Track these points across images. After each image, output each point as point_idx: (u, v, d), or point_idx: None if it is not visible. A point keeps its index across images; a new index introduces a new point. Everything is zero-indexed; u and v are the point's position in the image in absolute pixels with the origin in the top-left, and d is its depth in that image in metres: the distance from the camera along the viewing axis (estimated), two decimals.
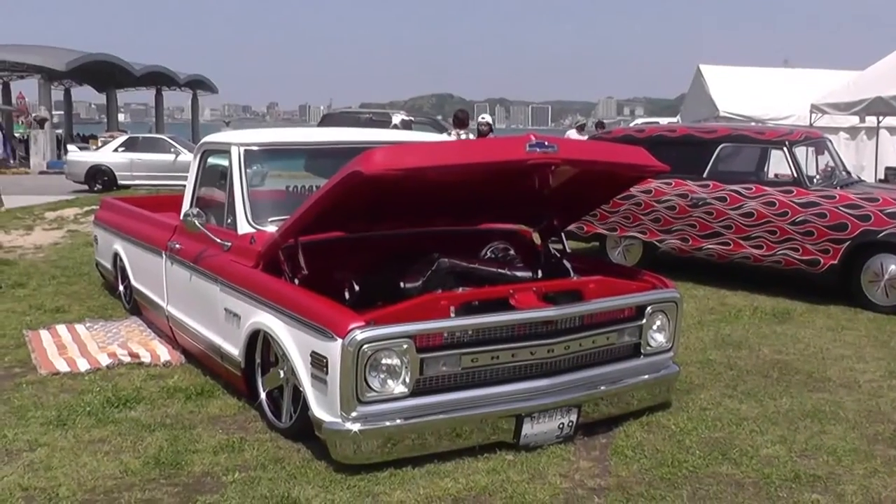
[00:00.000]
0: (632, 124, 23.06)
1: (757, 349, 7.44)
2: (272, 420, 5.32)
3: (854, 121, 16.19)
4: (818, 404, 5.96)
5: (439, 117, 26.90)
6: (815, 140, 10.46)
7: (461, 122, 14.41)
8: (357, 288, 5.25)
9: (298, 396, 4.95)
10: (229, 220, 6.05)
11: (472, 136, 14.30)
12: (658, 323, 5.57)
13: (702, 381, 6.45)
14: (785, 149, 9.76)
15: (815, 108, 15.80)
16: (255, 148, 6.31)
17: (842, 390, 6.32)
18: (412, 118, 19.30)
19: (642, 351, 5.52)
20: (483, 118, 16.49)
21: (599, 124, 22.84)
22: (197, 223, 5.92)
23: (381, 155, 4.53)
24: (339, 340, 4.44)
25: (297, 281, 5.21)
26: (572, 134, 17.46)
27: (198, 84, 50.06)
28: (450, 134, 14.05)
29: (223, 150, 6.38)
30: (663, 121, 21.75)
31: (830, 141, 11.01)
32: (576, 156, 5.06)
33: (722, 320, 8.50)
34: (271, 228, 5.65)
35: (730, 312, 8.83)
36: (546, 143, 4.73)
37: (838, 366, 6.96)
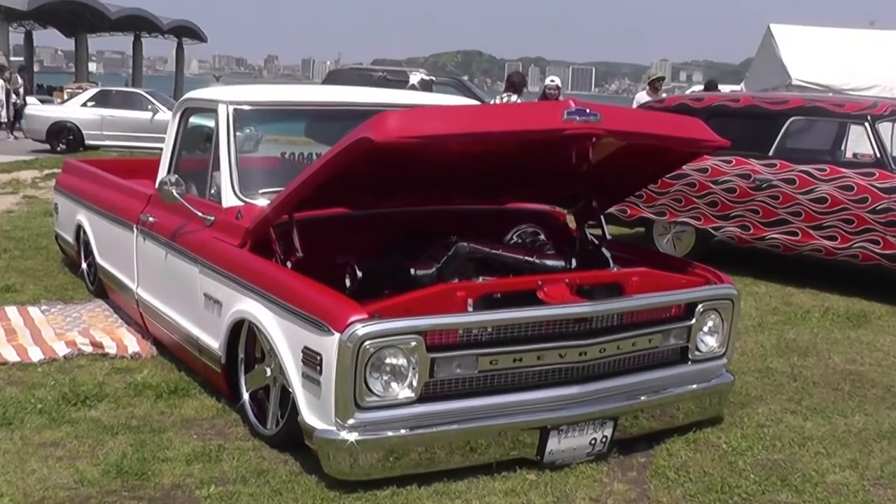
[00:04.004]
0: (688, 91, 22.87)
1: (826, 357, 7.42)
2: (256, 426, 5.32)
3: None
4: None
5: (465, 77, 26.88)
6: None
7: (514, 85, 14.10)
8: (360, 274, 5.24)
9: (287, 399, 4.95)
10: (213, 191, 6.05)
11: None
12: (710, 324, 5.55)
13: (760, 394, 6.43)
14: (867, 124, 9.71)
15: None
16: (246, 107, 6.30)
17: None
18: (433, 78, 19.29)
19: (691, 356, 5.50)
20: (552, 81, 16.35)
21: (711, 85, 20.89)
22: (175, 193, 5.91)
23: (394, 120, 4.51)
24: (337, 335, 4.43)
25: (289, 264, 5.20)
26: (641, 97, 16.69)
27: (184, 31, 50.27)
28: (501, 99, 13.89)
29: (209, 109, 6.38)
30: (725, 88, 21.60)
31: None
32: (621, 127, 5.03)
33: (786, 322, 8.48)
34: (262, 202, 5.65)
35: (795, 314, 8.81)
36: (587, 111, 4.69)
37: None
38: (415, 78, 18.41)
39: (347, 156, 4.63)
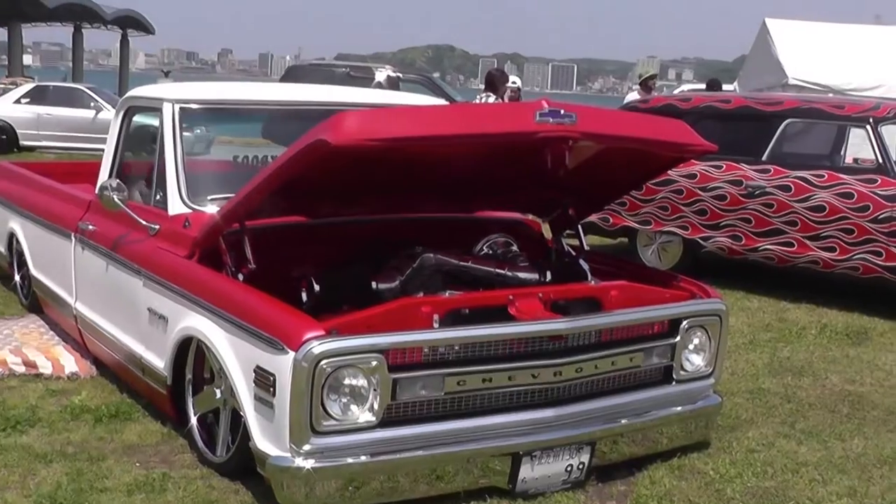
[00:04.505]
0: (676, 91, 22.95)
1: (823, 377, 7.49)
2: (204, 452, 5.33)
3: None
4: None
5: (436, 75, 26.91)
6: None
7: (493, 84, 14.11)
8: (317, 288, 5.25)
9: (238, 423, 4.96)
10: (158, 197, 6.05)
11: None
12: (696, 341, 5.59)
13: (751, 416, 6.49)
14: (869, 127, 9.79)
15: None
16: (194, 106, 6.31)
17: None
18: (400, 75, 19.30)
19: (675, 376, 5.55)
20: (514, 83, 16.35)
21: (714, 83, 19.97)
22: (116, 199, 5.92)
23: (353, 120, 4.53)
24: (291, 354, 4.44)
25: (241, 277, 5.22)
26: (633, 97, 16.71)
27: (129, 22, 50.06)
28: (480, 99, 13.91)
29: (153, 108, 6.38)
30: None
31: None
32: (599, 129, 5.06)
33: (780, 340, 8.57)
34: (211, 209, 5.65)
35: (790, 330, 8.89)
36: (562, 112, 4.72)
37: None
38: (381, 75, 18.41)
39: (303, 160, 4.64)
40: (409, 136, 4.61)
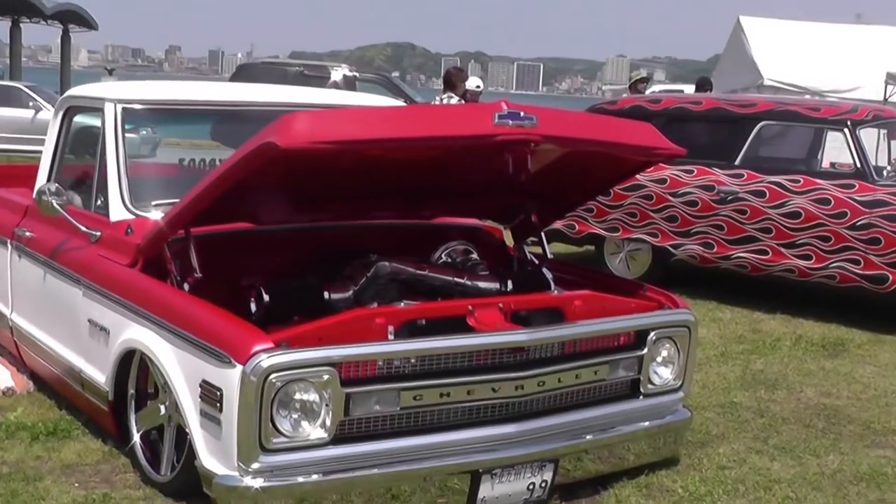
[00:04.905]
0: (647, 92, 23.05)
1: (798, 390, 7.57)
2: (147, 471, 5.31)
3: None
4: (877, 464, 6.08)
5: (395, 74, 26.94)
6: (888, 120, 10.63)
7: (452, 84, 14.12)
8: (267, 298, 5.23)
9: (183, 440, 4.95)
10: (99, 202, 6.03)
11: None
12: (664, 354, 5.63)
13: (722, 431, 6.54)
14: (846, 130, 9.89)
15: (891, 79, 15.98)
16: (137, 106, 6.31)
17: None
18: (357, 74, 19.32)
19: (642, 390, 5.57)
20: (478, 87, 16.41)
21: (704, 82, 18.66)
22: (55, 204, 5.89)
23: (303, 122, 4.52)
24: (239, 367, 4.44)
25: (187, 286, 5.21)
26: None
27: (71, 17, 49.65)
28: (440, 100, 13.94)
29: (95, 108, 6.36)
30: (689, 88, 21.88)
31: None
32: (561, 132, 5.08)
33: (753, 352, 8.64)
34: (156, 215, 5.65)
35: (764, 342, 8.97)
36: (522, 114, 4.73)
37: None
38: (337, 74, 18.42)
39: (250, 163, 4.62)
40: (361, 139, 4.61)
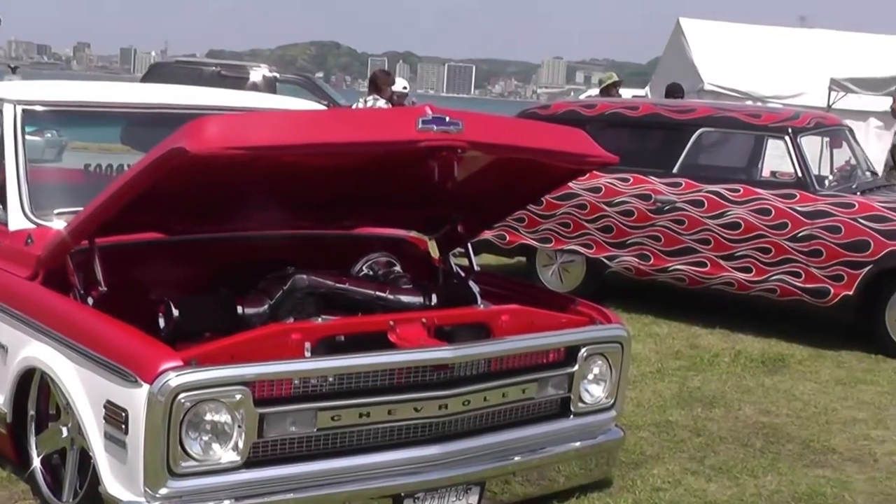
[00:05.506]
0: (582, 96, 23.15)
1: (736, 408, 7.65)
2: (48, 498, 5.26)
3: (888, 103, 16.58)
4: (815, 485, 6.16)
5: (319, 74, 26.88)
6: (831, 128, 10.76)
7: (377, 86, 14.04)
8: (176, 313, 5.21)
9: (87, 465, 4.90)
10: None
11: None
12: (596, 371, 5.66)
13: (657, 451, 6.59)
14: (787, 138, 9.99)
15: (835, 85, 16.15)
16: (38, 108, 6.26)
17: (850, 466, 6.56)
18: (277, 75, 19.25)
19: (573, 409, 5.61)
20: (405, 89, 16.40)
21: (675, 89, 16.89)
22: None
23: (214, 126, 4.50)
24: (146, 387, 4.41)
25: (90, 300, 5.16)
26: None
27: None
28: (364, 102, 13.90)
29: None
30: (627, 93, 22.04)
31: (851, 130, 11.31)
32: (488, 138, 5.10)
33: (690, 368, 8.72)
34: (58, 224, 5.59)
35: (702, 358, 9.05)
36: (447, 119, 4.74)
37: (848, 433, 7.21)
38: (256, 75, 18.33)
39: (159, 170, 4.59)
40: (276, 145, 4.61)
